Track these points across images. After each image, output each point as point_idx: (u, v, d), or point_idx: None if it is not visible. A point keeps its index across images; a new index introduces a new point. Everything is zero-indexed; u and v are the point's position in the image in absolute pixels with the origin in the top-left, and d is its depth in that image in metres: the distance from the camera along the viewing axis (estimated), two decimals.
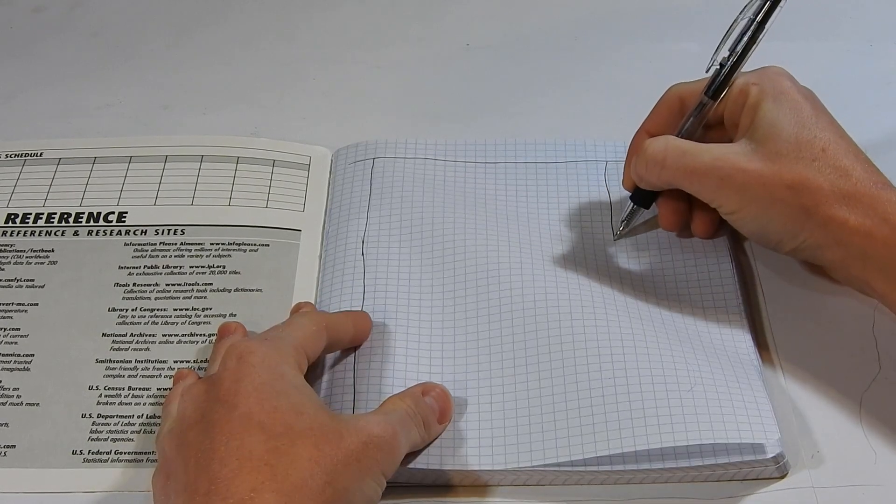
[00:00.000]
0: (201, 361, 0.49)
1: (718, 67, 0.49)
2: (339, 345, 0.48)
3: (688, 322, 0.49)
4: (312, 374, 0.48)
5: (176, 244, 0.54)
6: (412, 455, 0.45)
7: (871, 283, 0.46)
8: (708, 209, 0.50)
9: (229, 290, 0.52)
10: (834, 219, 0.46)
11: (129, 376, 0.49)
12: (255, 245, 0.54)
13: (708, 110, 0.50)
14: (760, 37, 0.49)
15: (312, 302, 0.52)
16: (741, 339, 0.49)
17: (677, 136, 0.50)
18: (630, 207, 0.53)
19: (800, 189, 0.46)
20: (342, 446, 0.40)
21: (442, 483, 0.45)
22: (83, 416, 0.48)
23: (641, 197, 0.52)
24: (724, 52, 0.49)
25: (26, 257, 0.54)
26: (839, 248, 0.46)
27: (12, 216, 0.56)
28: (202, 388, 0.42)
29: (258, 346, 0.43)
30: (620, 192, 0.55)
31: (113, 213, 0.56)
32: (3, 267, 0.54)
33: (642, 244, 0.53)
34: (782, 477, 0.44)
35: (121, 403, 0.48)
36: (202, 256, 0.54)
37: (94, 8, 0.71)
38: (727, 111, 0.50)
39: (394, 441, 0.42)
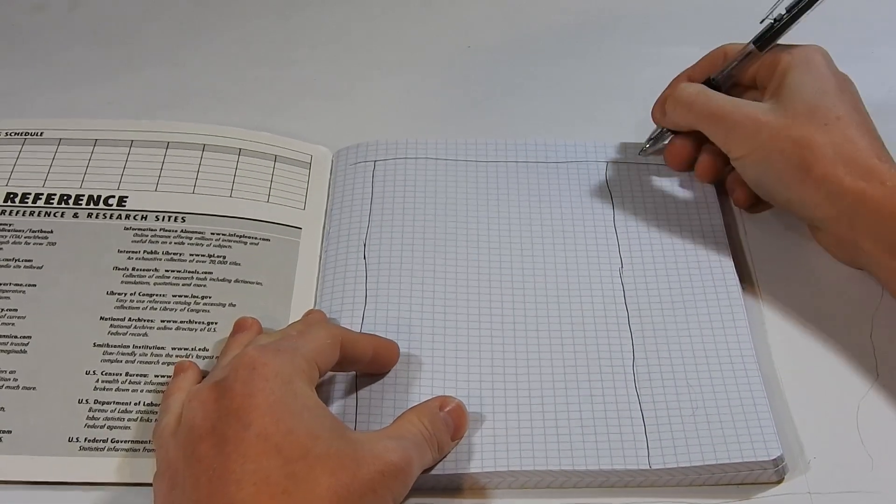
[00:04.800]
0: (200, 349, 0.49)
1: (772, 22, 0.52)
2: (355, 366, 0.47)
3: (692, 329, 0.50)
4: None
5: (176, 231, 0.54)
6: None
7: (859, 243, 0.49)
8: (715, 156, 0.54)
9: (229, 281, 0.52)
10: (830, 177, 0.48)
11: (127, 362, 0.48)
12: (255, 238, 0.54)
13: (751, 60, 0.53)
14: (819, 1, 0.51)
15: (312, 303, 0.51)
16: (743, 348, 0.49)
17: (718, 76, 0.54)
18: (658, 130, 0.57)
19: (803, 145, 0.49)
20: (359, 475, 0.39)
21: (441, 487, 0.45)
22: (80, 401, 0.47)
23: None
24: (782, 10, 0.52)
25: (25, 237, 0.53)
26: (831, 206, 0.48)
27: (11, 195, 0.55)
28: (212, 396, 0.41)
29: (272, 357, 0.41)
30: (622, 194, 0.56)
31: (113, 196, 0.55)
32: (1, 246, 0.52)
33: (647, 253, 0.53)
34: (779, 482, 0.45)
35: (118, 389, 0.47)
36: (202, 245, 0.53)
37: (94, 7, 0.71)
38: (759, 75, 0.53)
39: (408, 470, 0.41)
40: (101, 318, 0.50)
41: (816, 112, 0.49)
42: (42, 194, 0.55)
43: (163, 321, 0.50)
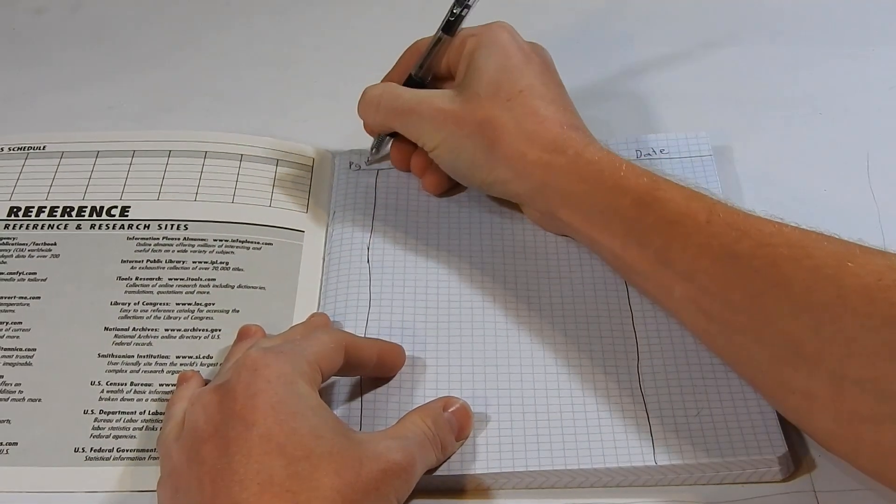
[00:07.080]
0: (204, 357, 0.49)
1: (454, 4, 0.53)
2: (359, 370, 0.47)
3: None
4: None
5: (179, 239, 0.54)
6: None
7: (556, 213, 0.50)
8: (422, 156, 0.54)
9: (232, 287, 0.52)
10: (515, 154, 0.49)
11: (132, 371, 0.49)
12: (258, 243, 0.54)
13: (443, 48, 0.53)
14: None
15: (315, 306, 0.51)
16: None
17: (415, 71, 0.54)
18: (377, 137, 0.57)
19: (487, 125, 0.49)
20: (362, 474, 0.39)
21: (446, 488, 0.45)
22: (85, 412, 0.47)
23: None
24: None
25: (28, 250, 0.53)
26: (522, 182, 0.50)
27: (15, 209, 0.56)
28: (214, 399, 0.41)
29: (273, 359, 0.42)
30: None
31: (116, 207, 0.56)
32: (5, 260, 0.53)
33: None
34: (784, 480, 0.44)
35: (123, 399, 0.48)
36: (205, 252, 0.53)
37: (95, 10, 0.71)
38: (451, 62, 0.53)
39: (411, 469, 0.41)
40: (106, 328, 0.50)
41: (500, 90, 0.50)
42: (45, 207, 0.56)
43: (167, 330, 0.50)
